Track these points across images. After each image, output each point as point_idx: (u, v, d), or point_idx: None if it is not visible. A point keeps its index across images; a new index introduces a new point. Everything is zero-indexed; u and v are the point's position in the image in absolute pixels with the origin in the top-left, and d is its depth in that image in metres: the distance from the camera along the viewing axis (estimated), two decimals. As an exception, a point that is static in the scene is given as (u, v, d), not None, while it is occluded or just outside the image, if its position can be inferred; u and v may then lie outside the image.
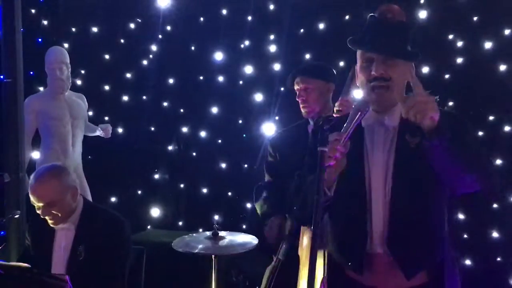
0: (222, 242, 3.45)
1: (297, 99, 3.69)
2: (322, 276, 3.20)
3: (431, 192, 2.25)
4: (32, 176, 3.12)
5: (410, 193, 2.22)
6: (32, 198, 3.04)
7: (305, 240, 3.42)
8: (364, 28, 2.35)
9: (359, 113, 2.10)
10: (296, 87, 3.68)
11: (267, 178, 3.98)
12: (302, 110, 3.67)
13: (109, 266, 3.03)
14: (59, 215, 3.06)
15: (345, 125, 2.09)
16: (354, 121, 2.09)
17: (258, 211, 3.94)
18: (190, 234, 3.77)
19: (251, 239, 3.58)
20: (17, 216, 3.25)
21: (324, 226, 2.89)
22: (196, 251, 3.37)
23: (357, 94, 2.87)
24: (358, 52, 2.35)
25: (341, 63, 5.77)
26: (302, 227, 3.39)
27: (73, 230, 3.12)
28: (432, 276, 2.28)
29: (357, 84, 2.39)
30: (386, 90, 2.24)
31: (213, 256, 3.44)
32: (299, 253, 3.40)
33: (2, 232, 3.81)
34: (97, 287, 2.94)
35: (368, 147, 2.33)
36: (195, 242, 3.45)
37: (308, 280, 1.76)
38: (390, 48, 2.25)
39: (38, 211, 3.07)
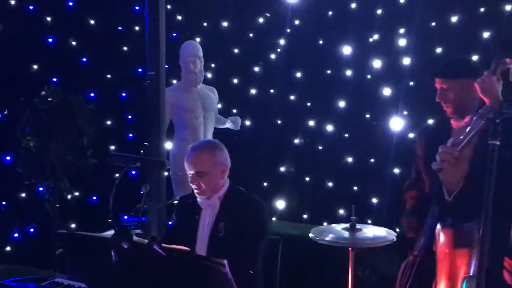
0: (360, 235, 3.45)
1: (436, 100, 3.57)
2: (464, 275, 3.13)
3: None
4: (190, 146, 3.41)
5: None
6: (185, 165, 3.29)
7: (441, 237, 3.35)
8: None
9: (484, 120, 2.02)
10: (436, 86, 3.58)
11: (414, 173, 3.89)
12: (445, 110, 3.56)
13: (245, 247, 3.13)
14: (205, 187, 3.24)
15: (467, 130, 2.04)
16: (477, 129, 2.02)
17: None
18: (321, 226, 3.80)
19: (387, 233, 3.55)
20: (175, 201, 3.44)
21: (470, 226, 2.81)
22: (330, 239, 3.41)
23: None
24: None
25: (475, 57, 5.56)
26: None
27: (217, 207, 3.28)
28: None
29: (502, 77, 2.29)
30: None
31: (350, 248, 3.45)
32: (435, 249, 3.34)
33: (143, 218, 4.01)
34: (231, 264, 3.05)
35: None
36: (332, 234, 3.48)
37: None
38: None
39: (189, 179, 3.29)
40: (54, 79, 6.46)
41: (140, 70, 6.42)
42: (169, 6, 6.63)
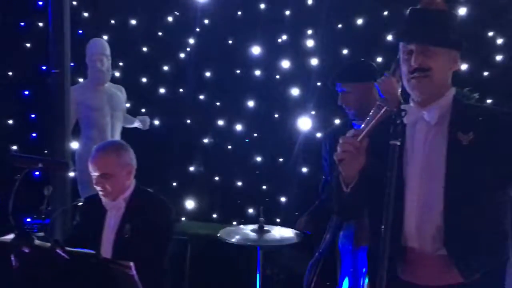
0: (268, 235, 3.49)
1: (338, 104, 3.66)
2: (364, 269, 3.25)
3: (490, 189, 2.23)
4: (94, 147, 3.34)
5: (466, 192, 2.19)
6: (89, 167, 3.22)
7: (345, 234, 3.45)
8: (404, 21, 2.35)
9: (382, 111, 2.10)
10: (337, 90, 3.66)
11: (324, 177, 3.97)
12: (347, 113, 3.65)
13: (151, 248, 3.12)
14: (110, 189, 3.19)
15: (365, 122, 2.11)
16: (376, 119, 2.10)
17: None
18: (230, 226, 3.82)
19: (294, 234, 3.62)
20: (80, 203, 3.34)
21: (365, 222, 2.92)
22: (235, 241, 3.43)
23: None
24: (400, 45, 2.34)
25: (379, 59, 5.74)
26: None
27: (122, 209, 3.24)
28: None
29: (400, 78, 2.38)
30: (424, 78, 2.23)
31: (258, 248, 3.48)
32: (340, 247, 3.44)
33: (46, 220, 3.89)
34: (137, 267, 3.02)
35: (408, 143, 2.31)
36: (241, 234, 3.50)
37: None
38: (428, 37, 2.23)
39: (93, 181, 3.23)
40: (-49, 77, 6.16)
41: (43, 67, 6.21)
42: (74, 2, 6.48)
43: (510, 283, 2.30)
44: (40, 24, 6.47)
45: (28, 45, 6.64)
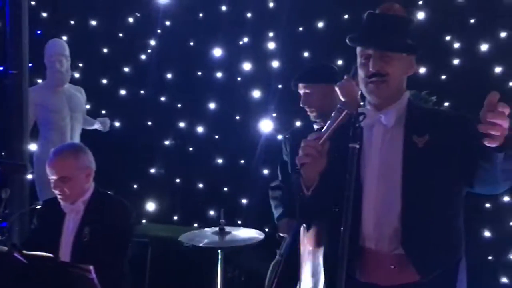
0: (229, 237, 3.50)
1: (301, 105, 3.69)
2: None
3: (445, 190, 2.29)
4: (52, 150, 3.32)
5: (422, 193, 2.24)
6: (47, 170, 3.20)
7: (306, 236, 3.48)
8: (362, 25, 2.38)
9: (342, 114, 2.13)
10: (299, 91, 3.70)
11: (281, 177, 4.00)
12: (309, 115, 3.69)
13: (110, 251, 3.11)
14: (69, 192, 3.18)
15: (327, 125, 2.14)
16: (337, 122, 2.13)
17: (274, 212, 3.95)
18: (191, 228, 3.82)
19: (256, 234, 3.64)
20: (38, 206, 3.30)
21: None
22: (201, 244, 3.43)
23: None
24: (358, 49, 2.38)
25: (340, 62, 5.81)
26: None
27: (81, 212, 3.23)
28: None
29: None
30: (382, 83, 2.27)
31: (219, 250, 3.49)
32: (301, 248, 3.46)
33: (3, 224, 3.82)
34: (96, 270, 3.01)
35: (365, 146, 2.35)
36: (202, 237, 3.51)
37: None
38: (386, 42, 2.27)
39: (51, 184, 3.21)
40: None
41: (1, 68, 6.11)
42: (33, 2, 6.39)
43: (462, 282, 2.37)
44: (-3, 24, 6.37)
45: (-16, 45, 6.52)
